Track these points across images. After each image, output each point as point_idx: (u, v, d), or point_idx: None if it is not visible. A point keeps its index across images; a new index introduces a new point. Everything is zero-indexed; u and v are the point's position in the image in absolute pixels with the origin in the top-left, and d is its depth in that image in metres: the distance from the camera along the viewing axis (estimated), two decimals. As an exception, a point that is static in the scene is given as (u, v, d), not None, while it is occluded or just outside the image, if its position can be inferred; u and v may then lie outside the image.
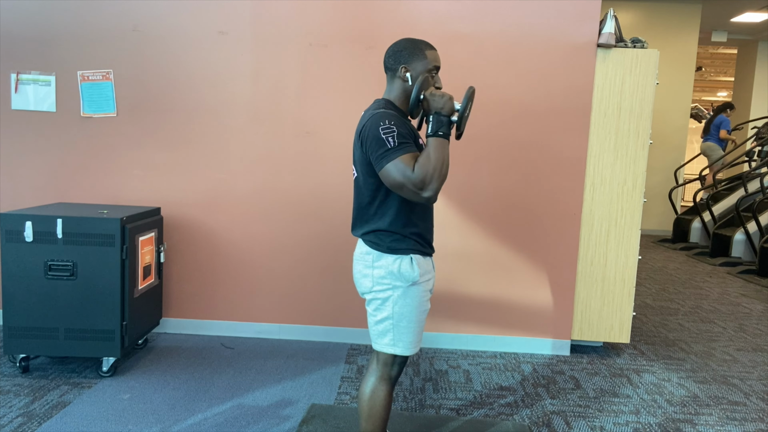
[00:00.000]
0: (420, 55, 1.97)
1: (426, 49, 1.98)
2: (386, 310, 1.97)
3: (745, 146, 8.96)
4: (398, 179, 1.81)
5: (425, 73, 1.96)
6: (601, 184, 3.49)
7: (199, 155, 3.57)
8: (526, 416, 2.79)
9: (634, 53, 3.39)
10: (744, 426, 2.80)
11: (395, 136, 1.82)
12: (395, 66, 1.98)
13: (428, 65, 1.97)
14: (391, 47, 2.02)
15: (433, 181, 1.80)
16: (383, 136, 1.82)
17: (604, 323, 3.59)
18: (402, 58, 1.97)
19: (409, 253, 1.95)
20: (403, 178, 1.80)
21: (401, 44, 2.00)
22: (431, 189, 1.81)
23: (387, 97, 2.02)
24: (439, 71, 2.02)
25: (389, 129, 1.83)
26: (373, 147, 1.84)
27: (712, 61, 12.42)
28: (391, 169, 1.81)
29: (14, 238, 2.89)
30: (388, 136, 1.82)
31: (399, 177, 1.81)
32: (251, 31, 3.48)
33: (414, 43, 1.99)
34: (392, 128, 1.84)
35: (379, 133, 1.83)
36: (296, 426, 2.58)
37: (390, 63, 2.00)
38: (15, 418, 2.55)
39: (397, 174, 1.81)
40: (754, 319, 4.64)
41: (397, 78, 1.99)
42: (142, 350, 3.38)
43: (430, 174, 1.79)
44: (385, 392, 2.02)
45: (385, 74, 2.05)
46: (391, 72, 2.00)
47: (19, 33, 3.54)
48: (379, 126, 1.84)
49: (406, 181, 1.80)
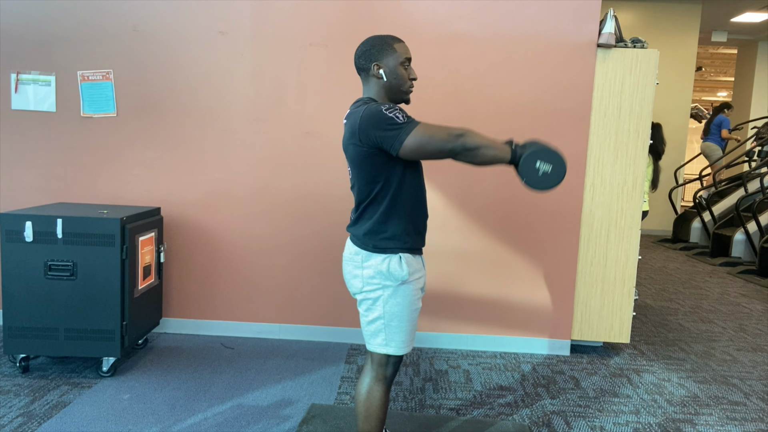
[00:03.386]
0: (389, 50, 1.96)
1: (394, 42, 1.98)
2: (377, 310, 1.97)
3: (745, 146, 8.96)
4: (428, 134, 1.80)
5: (398, 66, 1.96)
6: (601, 184, 3.49)
7: (199, 155, 3.57)
8: (525, 416, 2.79)
9: (634, 53, 3.39)
10: (744, 426, 2.80)
11: (401, 113, 1.84)
12: (367, 65, 1.97)
13: (399, 58, 1.97)
14: (359, 48, 2.01)
15: (457, 137, 1.79)
16: (390, 114, 1.82)
17: (604, 323, 3.59)
18: (372, 56, 1.96)
19: (398, 251, 1.94)
20: (432, 132, 1.79)
21: (369, 43, 1.99)
22: (457, 138, 1.79)
23: (368, 96, 2.01)
24: (411, 62, 2.02)
25: (393, 108, 1.84)
26: (381, 127, 1.82)
27: (712, 61, 12.42)
28: (411, 142, 1.80)
29: (14, 238, 2.89)
30: (393, 115, 1.82)
31: (429, 132, 1.79)
32: (251, 31, 3.48)
33: (381, 39, 1.98)
34: (396, 108, 1.85)
35: (385, 113, 1.82)
36: (296, 426, 2.58)
37: (362, 63, 1.99)
38: (15, 418, 2.55)
39: (425, 133, 1.79)
40: (754, 319, 4.64)
41: (372, 77, 1.98)
42: (142, 350, 3.38)
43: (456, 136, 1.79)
44: (381, 392, 2.02)
45: (359, 75, 2.03)
46: (365, 72, 2.00)
47: (19, 33, 3.54)
48: (381, 108, 1.84)
49: (437, 132, 1.79)
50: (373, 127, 1.83)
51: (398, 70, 1.97)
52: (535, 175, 1.81)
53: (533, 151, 1.81)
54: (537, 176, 1.81)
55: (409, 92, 2.02)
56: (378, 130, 1.82)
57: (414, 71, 2.03)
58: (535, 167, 1.81)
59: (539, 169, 1.81)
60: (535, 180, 1.82)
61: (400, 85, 1.98)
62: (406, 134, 1.80)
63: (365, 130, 1.84)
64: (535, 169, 1.81)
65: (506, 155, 1.81)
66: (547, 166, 1.81)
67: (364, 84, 2.03)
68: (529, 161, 1.81)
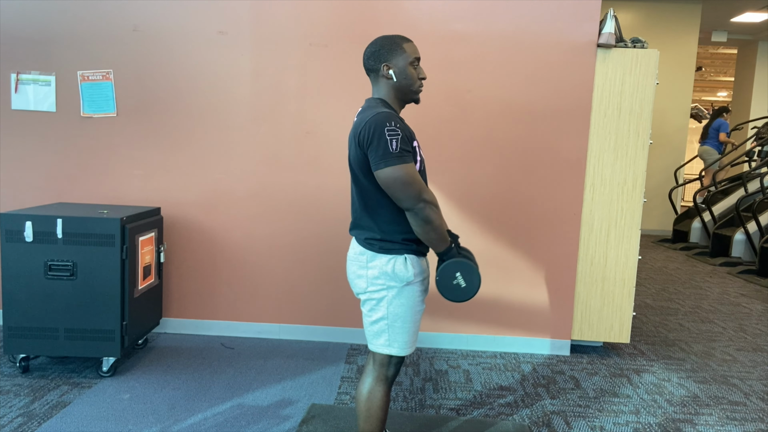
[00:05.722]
0: (398, 50, 1.96)
1: (403, 42, 1.98)
2: (381, 311, 1.97)
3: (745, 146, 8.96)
4: (395, 184, 1.83)
5: (408, 66, 1.96)
6: (601, 184, 3.49)
7: (199, 155, 3.57)
8: (526, 416, 2.79)
9: (634, 53, 3.39)
10: (744, 426, 2.80)
11: (399, 141, 1.82)
12: (377, 66, 1.97)
13: (409, 58, 1.96)
14: (368, 48, 2.00)
15: (424, 202, 1.86)
16: (388, 137, 1.82)
17: (604, 323, 3.59)
18: (382, 56, 1.96)
19: (403, 253, 1.95)
20: (409, 181, 1.83)
21: (378, 43, 1.98)
22: (423, 202, 1.86)
23: (378, 96, 2.01)
24: (420, 62, 2.01)
25: (395, 132, 1.83)
26: (374, 145, 1.83)
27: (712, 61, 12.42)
28: (389, 173, 1.82)
29: (14, 238, 2.89)
30: (392, 139, 1.82)
31: (397, 182, 1.83)
32: (251, 31, 3.48)
33: (390, 40, 1.98)
34: (397, 131, 1.83)
35: (385, 133, 1.82)
36: (296, 426, 2.58)
37: (371, 64, 1.98)
38: (15, 418, 2.55)
39: (395, 179, 1.83)
40: (754, 319, 4.64)
41: (381, 77, 1.98)
42: (142, 350, 3.38)
43: (425, 201, 1.86)
44: (382, 393, 2.02)
45: (368, 76, 2.03)
46: (374, 73, 1.99)
47: (19, 33, 3.54)
48: (385, 126, 1.83)
49: (412, 185, 1.84)
50: (369, 136, 1.84)
51: (408, 70, 1.96)
52: (449, 281, 1.90)
53: (459, 261, 1.89)
54: (450, 283, 1.90)
55: (418, 92, 2.02)
56: (371, 145, 1.84)
57: (423, 71, 2.02)
58: (454, 274, 1.90)
59: (457, 279, 1.90)
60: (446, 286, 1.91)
61: (409, 85, 1.98)
62: (387, 165, 1.82)
63: (365, 137, 1.85)
64: (453, 277, 1.90)
65: (443, 246, 1.92)
66: (463, 282, 1.90)
67: (373, 84, 2.02)
68: (452, 268, 1.89)
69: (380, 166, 1.83)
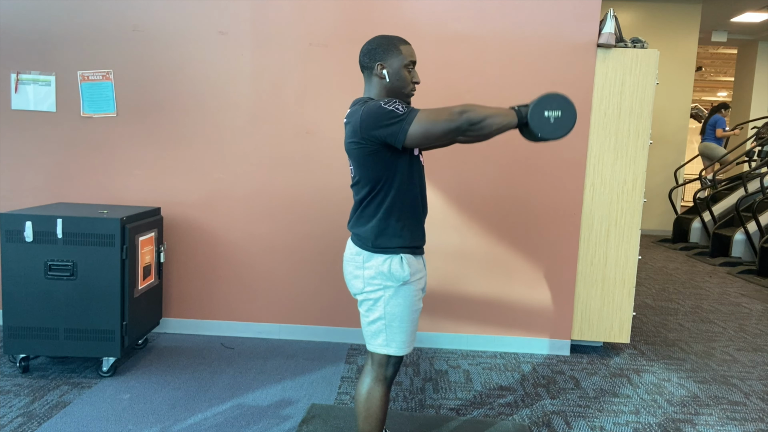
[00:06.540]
0: (394, 51, 1.95)
1: (400, 44, 1.97)
2: (378, 311, 1.96)
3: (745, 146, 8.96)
4: (427, 134, 1.78)
5: (402, 68, 1.95)
6: (601, 184, 3.49)
7: (199, 155, 3.58)
8: (525, 416, 2.79)
9: (634, 53, 3.39)
10: (744, 426, 2.80)
11: (399, 104, 1.82)
12: (371, 64, 1.96)
13: (404, 60, 1.95)
14: (365, 45, 1.99)
15: (459, 116, 1.77)
16: (389, 108, 1.81)
17: (604, 323, 3.59)
18: (377, 55, 1.95)
19: (399, 252, 1.94)
20: (434, 116, 1.78)
21: (375, 42, 1.98)
22: (459, 118, 1.77)
23: (368, 95, 2.00)
24: (415, 66, 2.01)
25: (392, 102, 1.83)
26: (383, 122, 1.80)
27: (712, 61, 12.42)
28: (414, 131, 1.78)
29: (14, 238, 2.89)
30: (393, 108, 1.81)
31: (427, 132, 1.78)
32: (251, 32, 3.48)
33: (388, 40, 1.97)
34: (393, 101, 1.84)
35: (385, 108, 1.81)
36: (296, 426, 2.58)
37: (365, 61, 1.98)
38: (15, 418, 2.55)
39: (428, 119, 1.78)
40: (754, 319, 4.64)
41: (374, 76, 1.97)
42: (142, 350, 3.38)
43: (459, 115, 1.77)
44: (381, 393, 2.02)
45: (362, 73, 2.02)
46: (368, 70, 1.98)
47: (19, 33, 3.54)
48: (380, 104, 1.83)
49: (439, 114, 1.77)
50: (374, 124, 1.82)
51: (401, 73, 1.96)
52: (547, 124, 1.77)
53: (537, 103, 1.77)
54: (550, 125, 1.77)
55: (410, 95, 2.02)
56: (380, 126, 1.81)
57: (417, 75, 2.02)
58: (544, 117, 1.76)
59: (549, 117, 1.77)
60: (550, 129, 1.77)
61: (401, 87, 1.97)
62: (409, 124, 1.79)
63: (367, 129, 1.84)
64: (546, 119, 1.76)
65: (513, 119, 1.80)
66: (556, 112, 1.77)
67: (366, 82, 2.02)
68: (537, 113, 1.76)
69: (401, 136, 1.80)
